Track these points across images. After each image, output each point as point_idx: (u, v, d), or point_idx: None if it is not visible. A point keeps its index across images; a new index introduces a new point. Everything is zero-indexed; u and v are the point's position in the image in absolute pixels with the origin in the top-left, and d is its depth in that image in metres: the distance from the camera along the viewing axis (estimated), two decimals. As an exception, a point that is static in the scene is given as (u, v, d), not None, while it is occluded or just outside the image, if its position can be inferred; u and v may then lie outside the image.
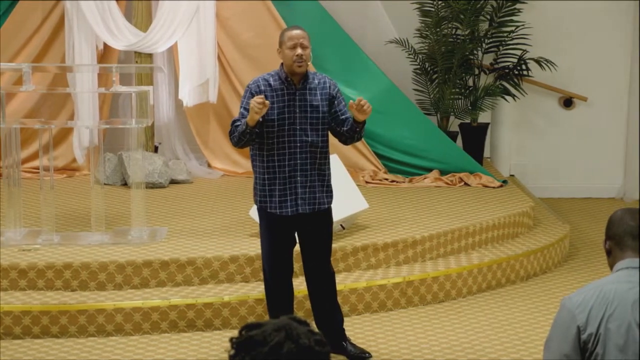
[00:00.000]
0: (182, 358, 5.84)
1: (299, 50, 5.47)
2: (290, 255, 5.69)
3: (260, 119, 5.39)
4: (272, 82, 5.53)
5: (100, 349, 5.94)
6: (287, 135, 5.47)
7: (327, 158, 5.61)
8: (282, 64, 5.58)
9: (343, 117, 5.61)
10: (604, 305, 3.18)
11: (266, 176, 5.51)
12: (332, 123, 5.61)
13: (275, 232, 5.60)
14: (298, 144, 5.48)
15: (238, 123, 5.46)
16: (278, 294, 5.72)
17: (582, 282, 7.27)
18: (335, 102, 5.61)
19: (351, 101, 5.51)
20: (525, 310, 6.73)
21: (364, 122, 5.53)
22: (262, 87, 5.51)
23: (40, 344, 6.00)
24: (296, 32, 5.56)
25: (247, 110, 5.40)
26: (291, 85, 5.53)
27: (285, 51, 5.52)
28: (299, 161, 5.49)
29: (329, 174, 5.64)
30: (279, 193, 5.50)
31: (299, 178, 5.50)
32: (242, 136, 5.40)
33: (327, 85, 5.60)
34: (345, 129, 5.58)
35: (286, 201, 5.51)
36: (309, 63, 5.53)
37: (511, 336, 6.22)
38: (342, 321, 5.84)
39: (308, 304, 6.19)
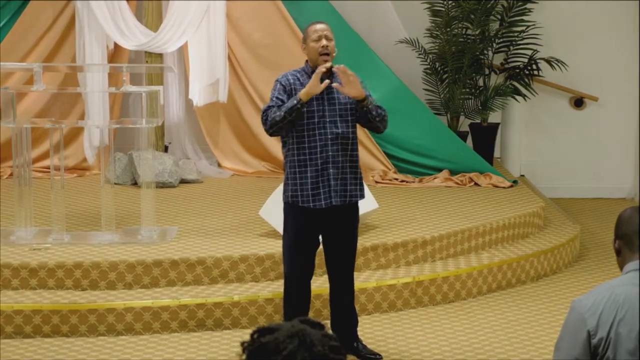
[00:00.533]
0: (192, 357, 5.84)
1: (324, 42, 5.52)
2: (313, 257, 5.67)
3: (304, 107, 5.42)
4: (299, 77, 5.59)
5: (111, 348, 5.96)
6: (317, 128, 5.49)
7: (357, 150, 5.61)
8: (307, 60, 5.62)
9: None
10: (614, 310, 3.16)
11: (297, 169, 5.51)
12: (358, 114, 5.62)
13: (302, 229, 5.56)
14: (329, 136, 5.50)
15: (280, 104, 5.45)
16: (297, 295, 5.69)
17: (593, 282, 7.26)
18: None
19: (335, 84, 5.43)
20: (535, 310, 6.72)
21: (366, 100, 5.47)
22: (292, 80, 5.56)
23: (50, 343, 6.01)
24: (320, 25, 5.61)
25: (280, 100, 5.47)
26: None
27: (310, 44, 5.56)
28: (330, 153, 5.50)
29: (359, 166, 5.65)
30: (311, 186, 5.49)
31: (331, 170, 5.50)
32: (288, 113, 5.38)
33: None
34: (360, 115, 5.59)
35: (319, 194, 5.50)
36: (333, 56, 5.54)
37: (521, 336, 6.21)
38: (357, 322, 5.85)
39: (317, 304, 6.20)
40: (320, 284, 6.31)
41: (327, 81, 5.43)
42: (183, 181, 8.79)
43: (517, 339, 6.16)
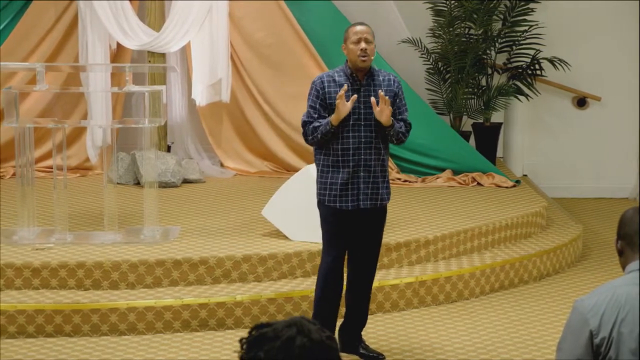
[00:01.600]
0: (195, 357, 5.85)
1: (363, 45, 5.50)
2: (344, 254, 5.68)
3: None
4: (336, 78, 5.58)
5: (113, 348, 5.96)
6: (351, 130, 5.50)
7: (388, 154, 5.65)
8: (346, 60, 5.61)
9: (399, 117, 5.65)
10: (616, 310, 3.16)
11: (330, 169, 5.54)
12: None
13: (331, 226, 5.60)
14: (363, 140, 5.51)
15: (316, 124, 5.49)
16: (330, 285, 5.64)
17: (595, 282, 7.25)
18: (397, 100, 5.64)
19: (373, 99, 5.48)
20: (538, 310, 6.72)
21: (390, 128, 5.52)
22: (326, 83, 5.54)
23: (53, 343, 6.02)
24: (360, 27, 5.59)
25: (314, 108, 5.52)
26: (356, 81, 5.56)
27: (350, 46, 5.54)
28: (362, 157, 5.52)
29: (388, 170, 5.70)
30: (340, 187, 5.52)
31: (362, 174, 5.53)
32: (324, 136, 5.46)
33: (392, 82, 5.63)
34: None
35: (347, 195, 5.53)
36: (372, 58, 5.54)
37: (524, 336, 6.21)
38: (364, 325, 5.86)
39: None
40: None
41: (354, 97, 5.43)
42: (186, 181, 8.79)
43: (520, 339, 6.16)
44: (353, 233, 5.65)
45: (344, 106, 5.41)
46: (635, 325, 3.13)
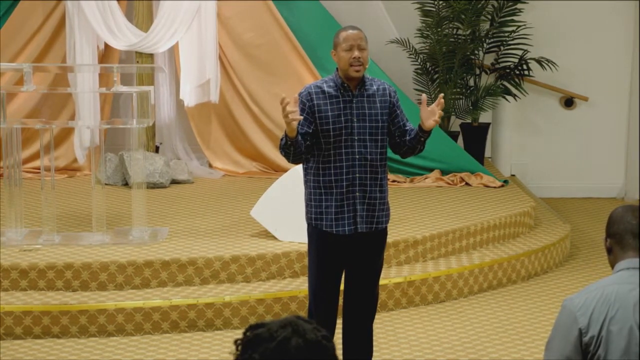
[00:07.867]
0: (183, 358, 5.84)
1: (356, 53, 4.97)
2: (338, 289, 5.09)
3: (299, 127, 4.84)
4: (325, 89, 4.99)
5: (101, 349, 5.95)
6: (344, 147, 4.94)
7: (386, 172, 5.08)
8: (336, 68, 5.05)
9: (407, 127, 5.12)
10: (605, 308, 3.17)
11: (323, 191, 4.97)
12: (396, 133, 5.09)
13: (326, 257, 5.03)
14: (357, 157, 4.95)
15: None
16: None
17: (583, 282, 7.28)
18: (397, 110, 5.13)
19: (424, 96, 5.06)
20: (526, 310, 6.73)
21: (430, 132, 5.05)
22: (314, 95, 4.96)
23: (41, 344, 6.00)
24: (352, 32, 5.05)
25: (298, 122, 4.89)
26: (347, 91, 5.00)
27: (341, 53, 4.98)
28: (357, 175, 4.95)
29: (387, 190, 5.11)
30: (335, 210, 4.95)
31: (357, 194, 4.95)
32: (286, 149, 4.85)
33: (387, 92, 5.12)
34: (407, 138, 5.08)
35: (343, 218, 4.96)
36: (366, 67, 5.05)
37: (512, 336, 6.22)
38: (371, 356, 5.24)
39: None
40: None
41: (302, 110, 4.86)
42: (174, 182, 8.78)
43: (508, 338, 6.17)
44: (350, 263, 5.07)
45: (290, 118, 4.74)
46: (625, 323, 3.14)
